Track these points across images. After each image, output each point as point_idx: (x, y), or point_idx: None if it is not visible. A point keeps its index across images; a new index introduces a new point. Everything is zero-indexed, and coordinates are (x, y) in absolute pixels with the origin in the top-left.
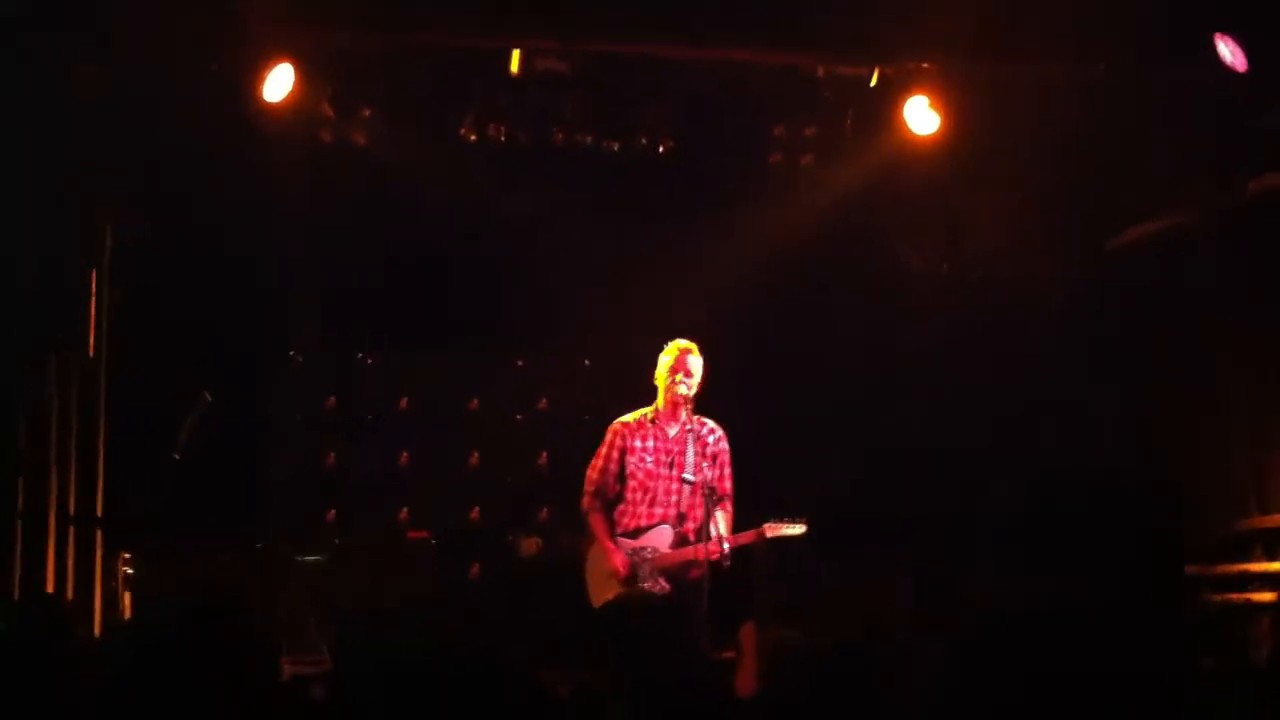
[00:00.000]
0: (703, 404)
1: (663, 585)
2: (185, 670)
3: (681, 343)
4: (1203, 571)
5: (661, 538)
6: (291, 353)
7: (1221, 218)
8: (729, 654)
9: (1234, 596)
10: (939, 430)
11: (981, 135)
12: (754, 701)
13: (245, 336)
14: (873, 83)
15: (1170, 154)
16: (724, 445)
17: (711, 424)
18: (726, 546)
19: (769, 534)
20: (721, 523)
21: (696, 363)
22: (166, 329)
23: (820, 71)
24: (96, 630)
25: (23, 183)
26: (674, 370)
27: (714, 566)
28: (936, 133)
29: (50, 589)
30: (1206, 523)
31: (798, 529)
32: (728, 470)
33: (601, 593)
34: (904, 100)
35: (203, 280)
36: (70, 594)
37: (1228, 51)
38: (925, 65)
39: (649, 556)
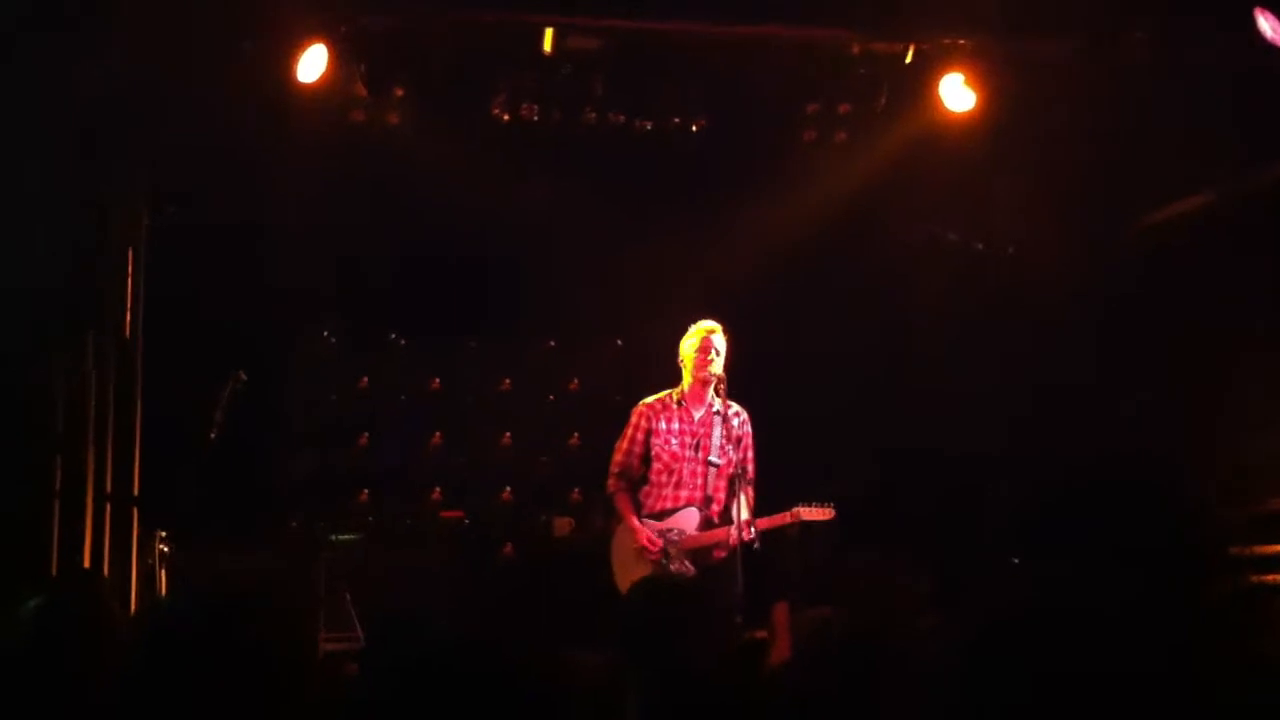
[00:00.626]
0: (731, 385)
1: (689, 568)
2: (220, 648)
3: (705, 324)
4: (1243, 552)
5: (688, 520)
6: (325, 333)
7: (1250, 197)
8: (762, 634)
9: (1274, 577)
10: (965, 417)
11: (1014, 112)
12: (780, 681)
13: (277, 317)
14: (908, 59)
15: (1198, 133)
16: (748, 428)
17: (736, 406)
18: (755, 529)
19: (802, 516)
20: (744, 506)
21: (721, 342)
22: (201, 310)
23: (855, 48)
24: (133, 607)
25: (60, 164)
26: (701, 350)
27: (745, 548)
28: (971, 109)
29: (87, 567)
30: (1239, 500)
31: (827, 513)
32: (751, 453)
33: (628, 574)
34: (939, 77)
35: (236, 261)
36: (106, 572)
37: (1268, 27)
38: (961, 42)
39: (675, 539)
